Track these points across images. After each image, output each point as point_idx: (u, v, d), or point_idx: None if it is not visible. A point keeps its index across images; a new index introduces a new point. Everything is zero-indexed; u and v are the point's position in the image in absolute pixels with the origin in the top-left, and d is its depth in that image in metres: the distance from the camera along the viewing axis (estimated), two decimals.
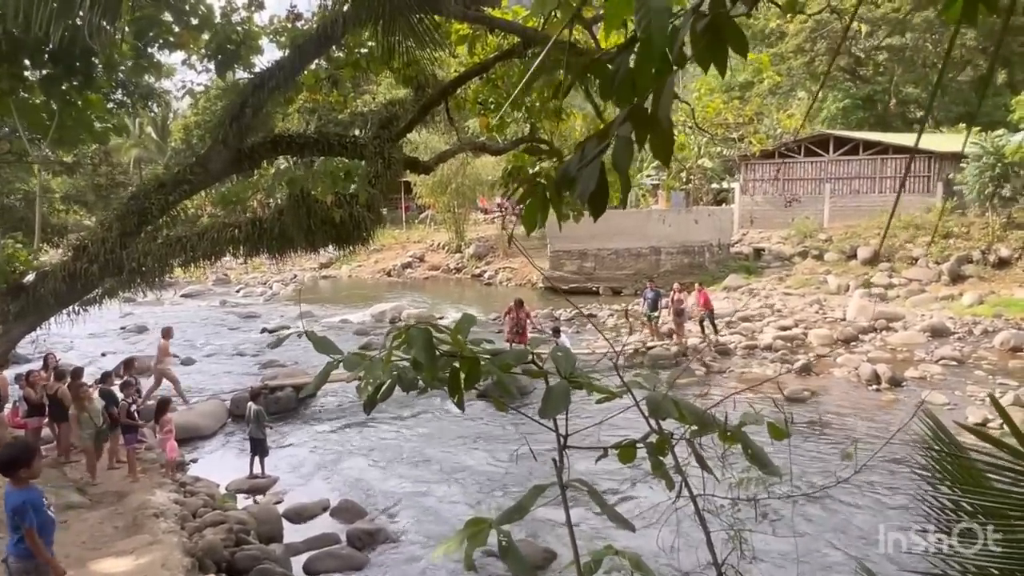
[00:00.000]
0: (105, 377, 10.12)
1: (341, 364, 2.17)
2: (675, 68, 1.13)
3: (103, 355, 17.75)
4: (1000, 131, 23.13)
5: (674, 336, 16.80)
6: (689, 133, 10.84)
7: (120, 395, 9.80)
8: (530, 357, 2.41)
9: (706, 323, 16.88)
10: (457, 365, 2.24)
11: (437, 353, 2.23)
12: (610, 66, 1.23)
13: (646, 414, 2.12)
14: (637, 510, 7.81)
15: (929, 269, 23.53)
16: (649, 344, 16.49)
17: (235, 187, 6.54)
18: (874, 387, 13.55)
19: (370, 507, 9.11)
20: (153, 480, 9.01)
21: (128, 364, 11.45)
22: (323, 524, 8.72)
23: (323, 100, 9.63)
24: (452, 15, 7.48)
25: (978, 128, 28.65)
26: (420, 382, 2.30)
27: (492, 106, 9.89)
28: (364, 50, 8.82)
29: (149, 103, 12.47)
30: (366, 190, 7.17)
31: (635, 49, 1.09)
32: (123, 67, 7.65)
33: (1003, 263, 22.79)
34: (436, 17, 7.61)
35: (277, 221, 7.50)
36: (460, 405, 2.28)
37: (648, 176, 35.57)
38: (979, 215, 24.43)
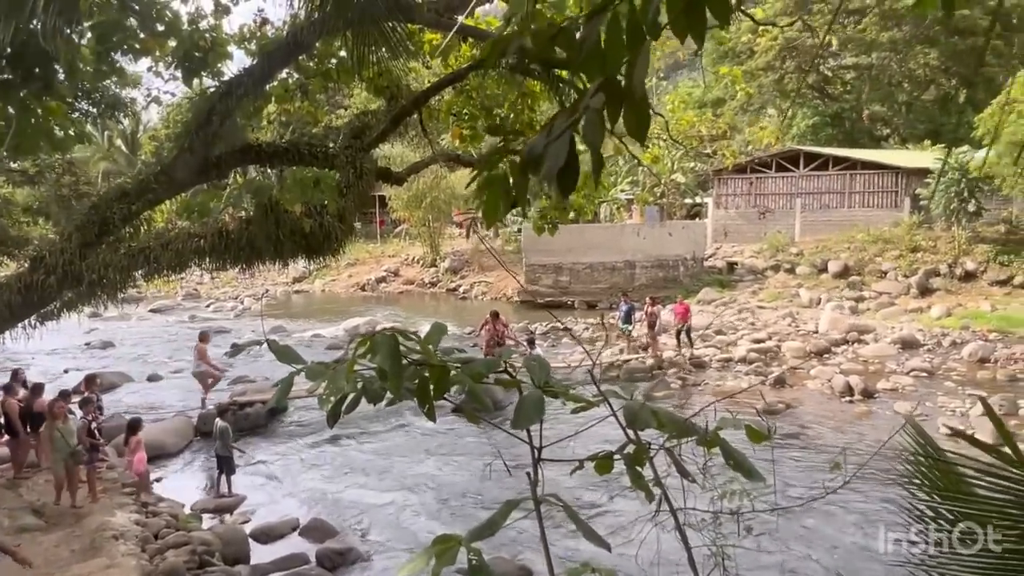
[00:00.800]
0: (63, 396, 9.72)
1: (305, 375, 2.04)
2: (649, 39, 1.03)
3: (65, 372, 17.23)
4: (964, 147, 23.67)
5: (649, 349, 16.78)
6: (663, 146, 10.86)
7: (79, 413, 9.46)
8: (503, 366, 2.30)
9: (683, 336, 16.91)
10: (427, 374, 2.13)
11: (405, 362, 2.12)
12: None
13: (623, 424, 2.02)
14: (616, 524, 7.68)
15: (898, 282, 23.92)
16: (625, 357, 16.44)
17: (200, 196, 6.35)
18: (847, 399, 13.63)
19: (341, 525, 8.86)
20: (114, 500, 8.67)
21: (90, 381, 11.05)
22: (292, 544, 8.46)
23: (294, 111, 9.47)
24: (425, 23, 7.40)
25: (942, 145, 29.34)
26: (387, 393, 2.18)
27: (467, 117, 9.82)
28: (335, 60, 8.71)
29: (116, 113, 12.18)
30: (336, 200, 7.02)
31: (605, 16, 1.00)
32: (87, 73, 7.43)
33: (969, 276, 23.25)
34: (410, 26, 7.53)
35: (244, 231, 7.30)
36: (431, 416, 2.17)
37: (622, 191, 35.80)
38: (945, 229, 24.92)
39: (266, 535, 8.61)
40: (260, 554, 8.22)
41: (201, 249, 7.23)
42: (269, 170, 8.22)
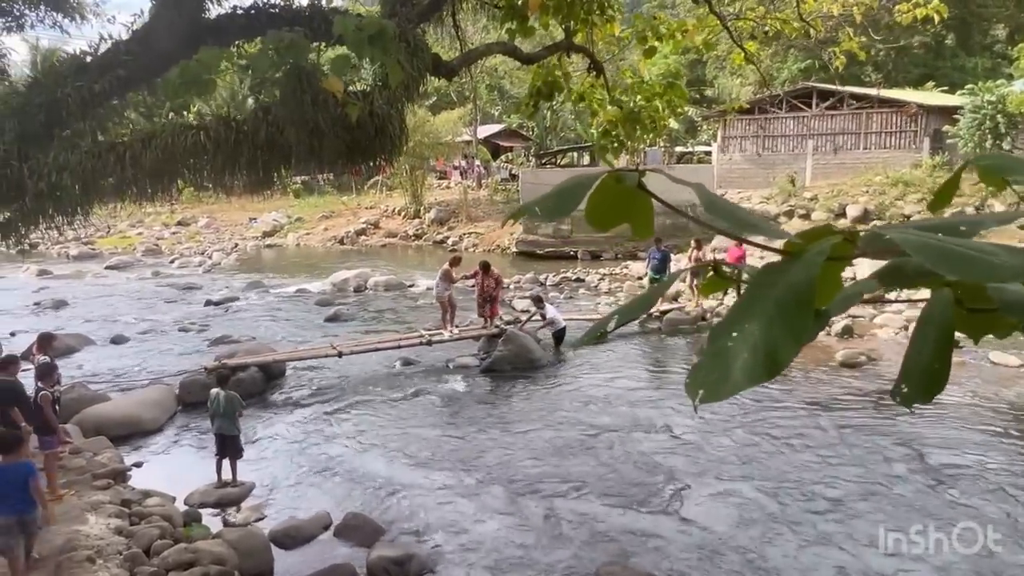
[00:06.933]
0: (7, 364, 7.32)
1: None
2: None
3: (12, 335, 14.67)
4: (999, 81, 22.14)
5: (692, 300, 14.99)
6: (765, 39, 8.84)
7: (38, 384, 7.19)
8: None
9: None
10: None
11: None
12: None
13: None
14: None
15: None
16: (664, 308, 14.63)
17: (202, 54, 4.14)
18: None
19: (387, 522, 6.87)
20: (83, 499, 6.50)
21: (45, 341, 8.70)
22: (327, 549, 6.44)
23: None
24: None
25: (944, 88, 27.72)
26: None
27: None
28: None
29: (59, 16, 9.61)
30: (400, 69, 4.81)
31: None
32: None
33: None
34: None
35: (263, 122, 5.08)
36: None
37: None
38: (969, 171, 23.55)
39: (291, 538, 6.57)
40: (287, 565, 6.20)
41: (200, 146, 4.98)
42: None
